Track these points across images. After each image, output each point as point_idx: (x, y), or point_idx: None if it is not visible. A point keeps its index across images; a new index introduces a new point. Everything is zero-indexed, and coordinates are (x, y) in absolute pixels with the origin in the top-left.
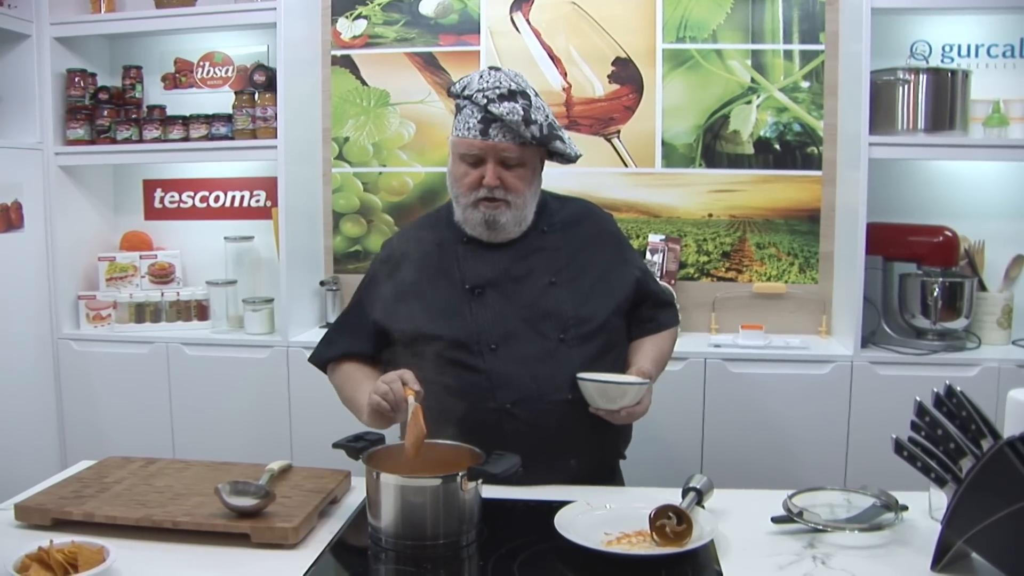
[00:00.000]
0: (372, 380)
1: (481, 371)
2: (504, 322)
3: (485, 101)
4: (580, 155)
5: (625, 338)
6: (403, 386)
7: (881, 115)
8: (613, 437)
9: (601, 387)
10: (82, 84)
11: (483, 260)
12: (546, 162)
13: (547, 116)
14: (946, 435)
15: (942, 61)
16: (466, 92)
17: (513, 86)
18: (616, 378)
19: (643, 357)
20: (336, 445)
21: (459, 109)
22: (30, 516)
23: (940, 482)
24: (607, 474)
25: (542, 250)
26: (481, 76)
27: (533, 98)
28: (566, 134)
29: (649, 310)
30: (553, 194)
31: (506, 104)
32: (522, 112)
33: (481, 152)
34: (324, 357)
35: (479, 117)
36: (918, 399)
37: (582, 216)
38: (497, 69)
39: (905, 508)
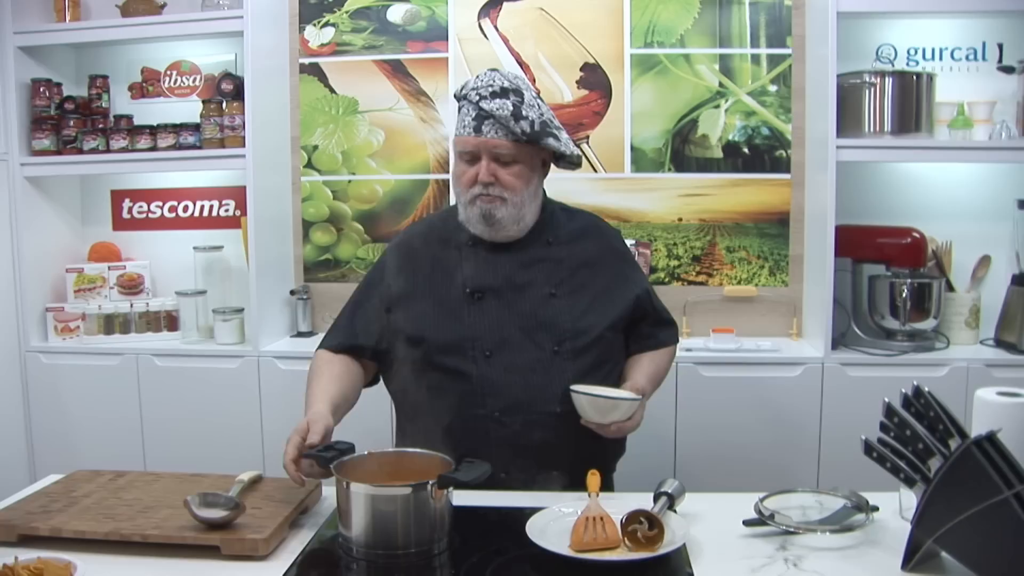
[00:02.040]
0: (328, 391)
1: (473, 377)
2: (500, 329)
3: (477, 98)
4: (581, 155)
5: (622, 353)
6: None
7: (848, 118)
8: (602, 451)
9: (592, 400)
10: (47, 94)
11: (486, 265)
12: (554, 167)
13: (542, 115)
14: (914, 435)
15: (907, 64)
16: (463, 92)
17: (507, 84)
18: (608, 392)
19: (639, 373)
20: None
21: (459, 110)
22: None
23: (909, 482)
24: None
25: (545, 261)
26: (478, 76)
27: (528, 96)
28: (565, 135)
29: (649, 327)
30: (563, 205)
31: (497, 101)
32: (511, 108)
33: (475, 148)
34: (321, 347)
35: (473, 115)
36: (886, 400)
37: (589, 230)
38: (495, 70)
39: (876, 509)
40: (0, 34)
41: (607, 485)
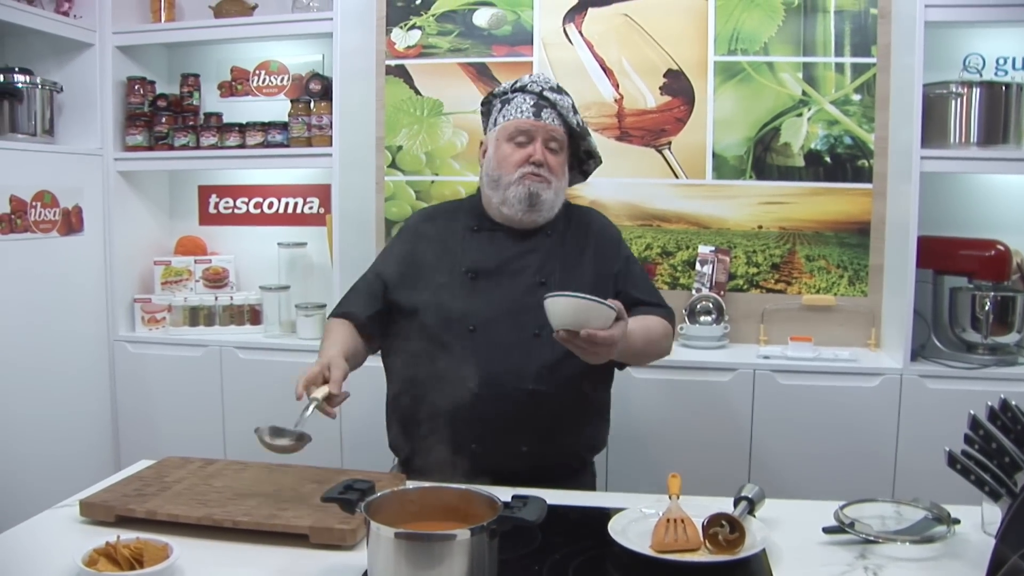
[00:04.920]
0: (341, 343)
1: (456, 349)
2: (488, 308)
3: (540, 89)
4: (601, 161)
5: None
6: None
7: (933, 128)
8: (576, 434)
9: (567, 302)
10: (142, 92)
11: (484, 249)
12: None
13: (583, 118)
14: (1000, 449)
15: (996, 74)
16: (519, 85)
17: (561, 85)
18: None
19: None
20: (326, 499)
21: (506, 103)
22: (94, 512)
23: (994, 496)
24: (570, 471)
25: (540, 251)
26: (531, 76)
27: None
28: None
29: (643, 308)
30: (567, 202)
31: (557, 94)
32: (571, 102)
33: (532, 130)
34: (330, 315)
35: (532, 102)
36: (972, 412)
37: (587, 225)
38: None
39: (957, 522)
40: (100, 34)
41: (578, 472)
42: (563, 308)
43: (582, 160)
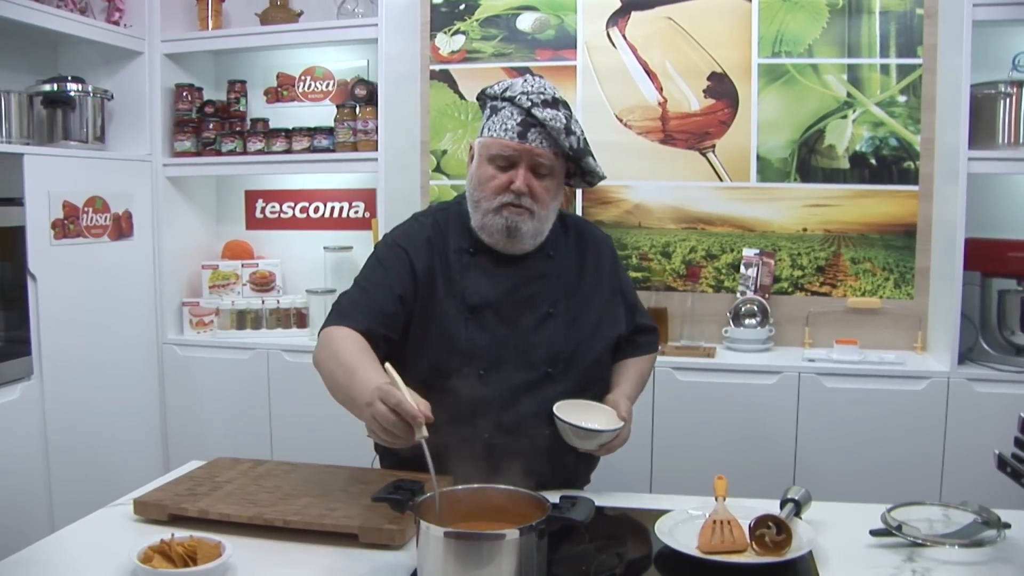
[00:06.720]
0: (376, 364)
1: (465, 396)
2: (496, 347)
3: (529, 104)
4: (605, 176)
5: (610, 368)
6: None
7: (981, 129)
8: (582, 467)
9: (576, 430)
10: (189, 98)
11: (488, 278)
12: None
13: (582, 131)
14: None
15: None
16: (508, 93)
17: (557, 94)
18: (590, 422)
19: (625, 382)
20: (376, 499)
21: (495, 111)
22: (148, 511)
23: None
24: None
25: (545, 277)
26: (525, 80)
27: (572, 111)
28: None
29: (633, 335)
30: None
31: (549, 110)
32: (564, 120)
33: (516, 154)
34: (341, 325)
35: (519, 120)
36: (1022, 415)
37: (584, 239)
38: (540, 77)
39: (1007, 526)
40: (149, 42)
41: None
42: (577, 434)
43: (584, 172)
